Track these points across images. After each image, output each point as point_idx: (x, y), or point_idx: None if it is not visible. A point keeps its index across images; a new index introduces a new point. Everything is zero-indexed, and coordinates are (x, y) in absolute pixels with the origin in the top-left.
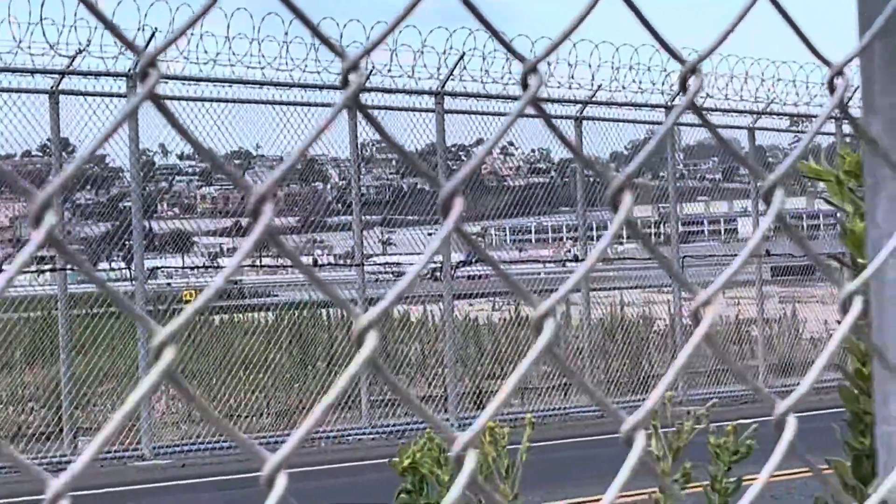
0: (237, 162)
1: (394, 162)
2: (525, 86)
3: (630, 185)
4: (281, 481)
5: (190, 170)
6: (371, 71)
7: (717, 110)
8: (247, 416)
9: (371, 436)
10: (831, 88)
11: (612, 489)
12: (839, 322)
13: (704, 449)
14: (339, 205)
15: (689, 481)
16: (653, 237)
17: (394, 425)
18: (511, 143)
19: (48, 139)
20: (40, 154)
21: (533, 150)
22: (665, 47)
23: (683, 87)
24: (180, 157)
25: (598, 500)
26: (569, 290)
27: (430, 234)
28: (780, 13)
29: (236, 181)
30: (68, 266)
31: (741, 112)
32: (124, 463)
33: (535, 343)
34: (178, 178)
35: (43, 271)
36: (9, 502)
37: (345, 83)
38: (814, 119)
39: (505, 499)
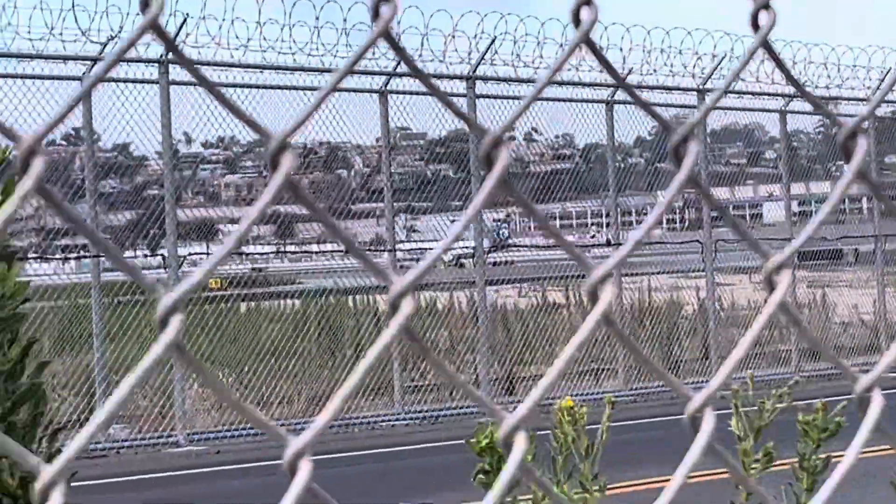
0: (261, 150)
1: (418, 149)
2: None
3: (694, 136)
4: (304, 467)
5: (214, 158)
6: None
7: (748, 93)
8: (278, 404)
9: (404, 421)
10: None
11: (682, 471)
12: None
13: (785, 427)
14: (364, 192)
15: (771, 461)
16: (678, 222)
17: (427, 411)
18: (535, 129)
19: (73, 129)
20: (64, 143)
21: (557, 136)
22: None
23: (755, 24)
24: (204, 146)
25: (652, 483)
26: (625, 256)
27: (453, 221)
28: None
29: (257, 129)
30: (100, 253)
31: (772, 95)
32: (159, 450)
33: (591, 311)
34: (202, 166)
35: (68, 259)
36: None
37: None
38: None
39: (586, 479)
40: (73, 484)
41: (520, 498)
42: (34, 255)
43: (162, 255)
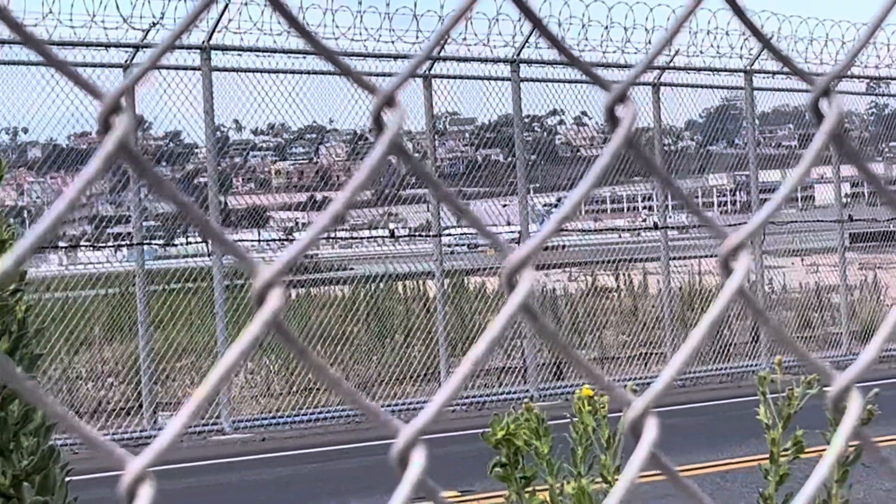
0: (310, 136)
1: (467, 135)
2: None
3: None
4: (418, 458)
5: (264, 145)
6: (445, 40)
7: (796, 73)
8: (325, 390)
9: (451, 408)
10: None
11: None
12: None
13: (812, 414)
14: (413, 178)
15: (801, 450)
16: (728, 205)
17: (474, 397)
18: (584, 113)
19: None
20: None
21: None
22: None
23: None
24: (254, 133)
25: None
26: (762, 223)
27: (504, 206)
28: None
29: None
30: (145, 241)
31: (820, 76)
32: (204, 438)
33: (727, 283)
34: (252, 153)
35: (120, 247)
36: (84, 479)
37: None
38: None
39: (606, 470)
40: (120, 472)
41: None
42: (86, 244)
43: (207, 241)
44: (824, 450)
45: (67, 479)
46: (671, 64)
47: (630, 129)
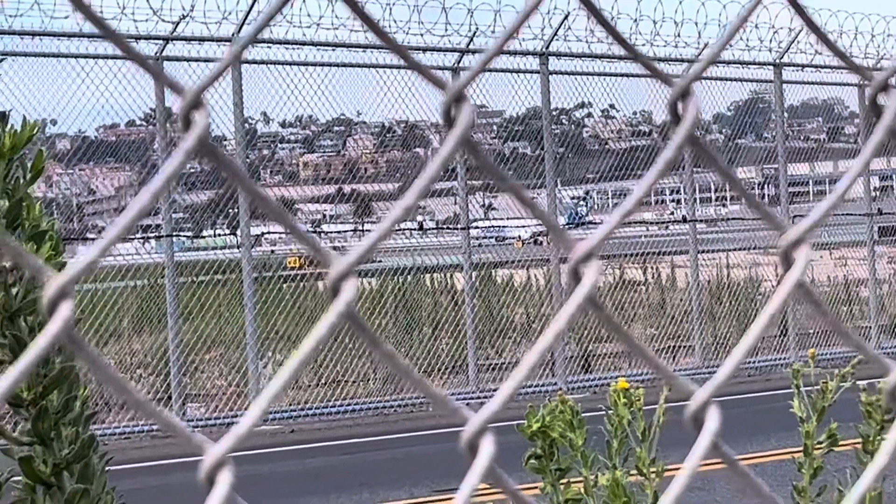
0: (338, 129)
1: (495, 127)
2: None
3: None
4: (487, 445)
5: (292, 137)
6: (475, 33)
7: (826, 67)
8: (353, 382)
9: (479, 400)
10: None
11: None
12: None
13: (847, 407)
14: (441, 170)
15: (835, 443)
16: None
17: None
18: (612, 106)
19: (151, 108)
20: (144, 123)
21: (635, 113)
22: None
23: None
24: (282, 125)
25: (712, 465)
26: (822, 217)
27: (532, 199)
28: None
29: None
30: (174, 233)
31: (878, 70)
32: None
33: (788, 275)
34: (280, 145)
35: (148, 238)
36: (122, 468)
37: None
38: None
39: (641, 462)
40: (150, 464)
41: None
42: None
43: (234, 234)
44: (858, 443)
45: (150, 463)
46: (700, 57)
47: (692, 125)
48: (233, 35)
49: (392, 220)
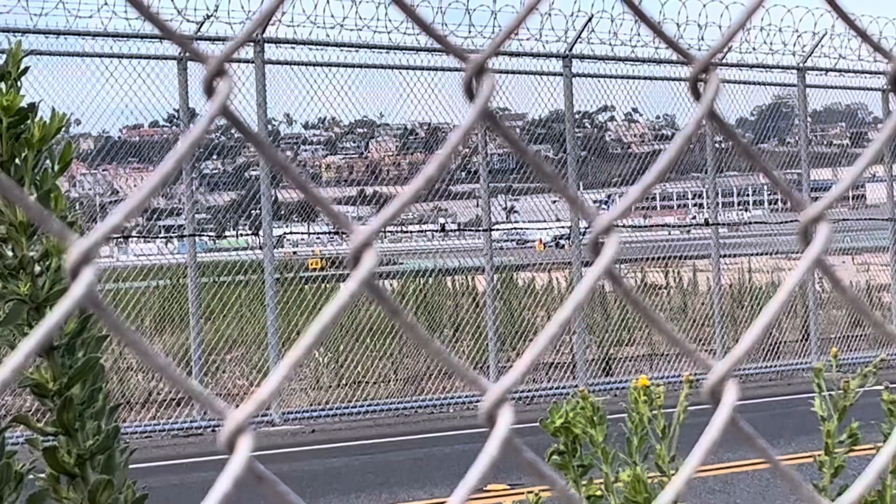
0: (361, 131)
1: (517, 130)
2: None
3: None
4: (506, 415)
5: (315, 139)
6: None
7: (849, 71)
8: (374, 383)
9: None
10: None
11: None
12: None
13: (868, 409)
14: (463, 173)
15: (856, 443)
16: (779, 202)
17: (522, 391)
18: (635, 110)
19: (175, 109)
20: (167, 124)
21: (658, 117)
22: None
23: None
24: (305, 127)
25: (732, 468)
26: (840, 194)
27: (554, 202)
28: None
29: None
30: (197, 234)
31: (874, 73)
32: (254, 429)
33: (806, 252)
34: (303, 147)
35: (171, 238)
36: (142, 467)
37: None
38: None
39: (662, 459)
40: (170, 462)
41: (593, 482)
42: (136, 235)
43: (256, 235)
44: (881, 445)
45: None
46: (723, 60)
47: (713, 100)
48: (257, 35)
49: (414, 188)
